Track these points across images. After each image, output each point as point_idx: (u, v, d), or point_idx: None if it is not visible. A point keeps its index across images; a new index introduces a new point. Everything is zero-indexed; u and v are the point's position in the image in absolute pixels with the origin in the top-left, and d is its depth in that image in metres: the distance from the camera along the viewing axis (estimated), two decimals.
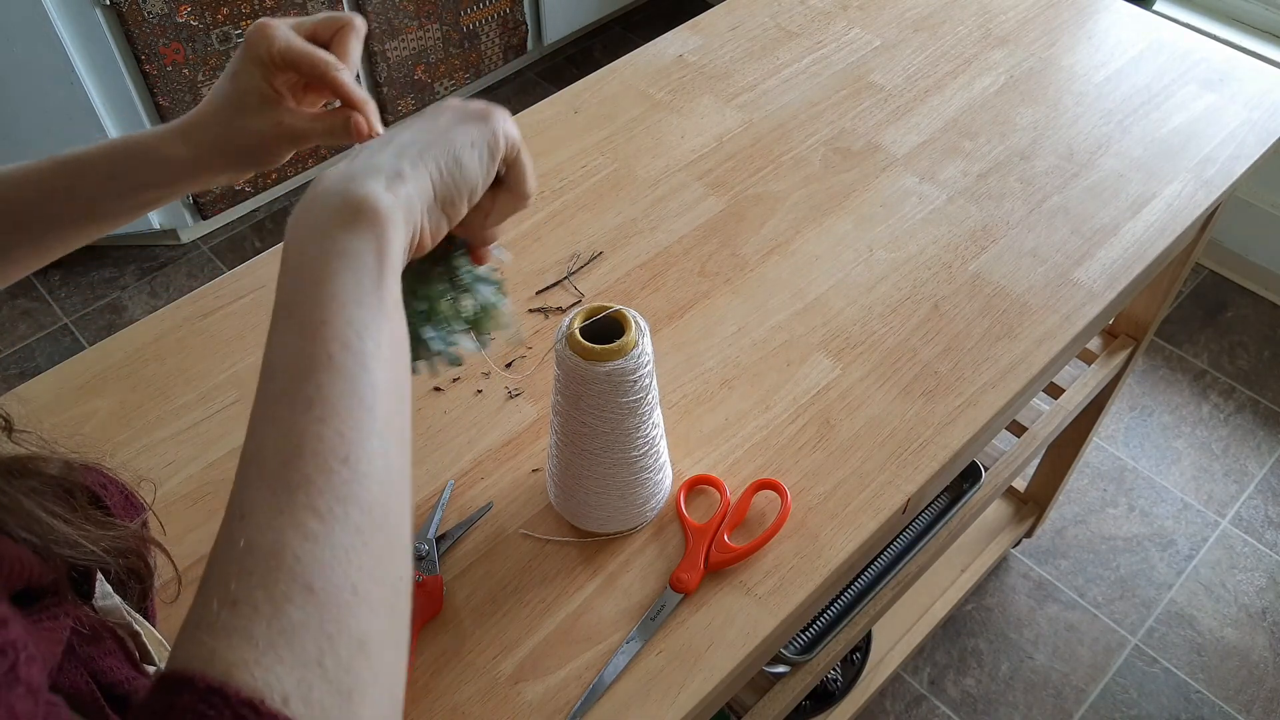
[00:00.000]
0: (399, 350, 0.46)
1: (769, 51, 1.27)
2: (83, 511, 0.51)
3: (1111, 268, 1.01)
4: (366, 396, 0.42)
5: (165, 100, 2.12)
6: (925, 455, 0.86)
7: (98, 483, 0.56)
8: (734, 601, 0.78)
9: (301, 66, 0.63)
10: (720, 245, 1.04)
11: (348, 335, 0.43)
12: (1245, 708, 1.66)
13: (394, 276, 0.47)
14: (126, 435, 0.89)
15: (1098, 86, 1.21)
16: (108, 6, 1.96)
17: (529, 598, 0.78)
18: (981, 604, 1.79)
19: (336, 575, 0.37)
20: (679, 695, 0.73)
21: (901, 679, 1.70)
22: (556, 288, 1.00)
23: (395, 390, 0.44)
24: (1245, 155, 1.13)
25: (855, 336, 0.95)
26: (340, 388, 0.42)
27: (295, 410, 0.41)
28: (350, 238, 0.46)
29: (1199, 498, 1.93)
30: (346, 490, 0.39)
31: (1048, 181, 1.10)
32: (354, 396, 0.42)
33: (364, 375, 0.42)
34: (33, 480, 0.49)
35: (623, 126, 1.17)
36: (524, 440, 0.88)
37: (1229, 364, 2.14)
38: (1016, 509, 1.77)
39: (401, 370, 0.46)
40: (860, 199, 1.08)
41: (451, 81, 2.62)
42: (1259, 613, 1.77)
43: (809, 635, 1.19)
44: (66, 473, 0.52)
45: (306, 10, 2.21)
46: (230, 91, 0.64)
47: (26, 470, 0.49)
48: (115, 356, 0.94)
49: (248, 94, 0.64)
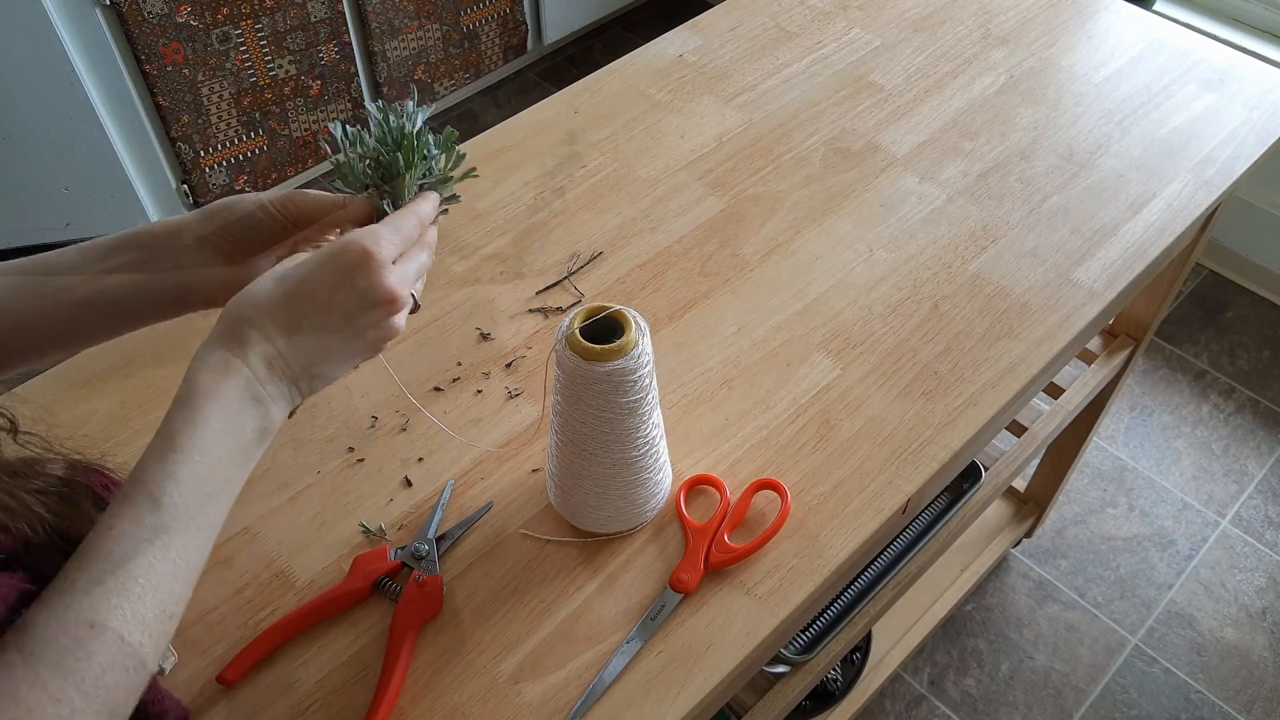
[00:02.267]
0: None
1: (769, 51, 1.27)
2: (85, 512, 0.52)
3: (1111, 268, 1.01)
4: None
5: (165, 100, 2.12)
6: (925, 455, 0.86)
7: (100, 483, 0.57)
8: (734, 601, 0.78)
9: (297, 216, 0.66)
10: (720, 245, 1.04)
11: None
12: (1245, 708, 1.66)
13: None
14: (126, 436, 0.89)
15: (1098, 86, 1.22)
16: (108, 6, 1.96)
17: (529, 598, 0.78)
18: (981, 604, 1.79)
19: None
20: (679, 695, 0.73)
21: (901, 679, 1.70)
22: (556, 288, 1.00)
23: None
24: (1245, 155, 1.13)
25: (855, 336, 0.95)
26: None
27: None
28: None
29: (1199, 498, 1.93)
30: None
31: (1048, 181, 1.10)
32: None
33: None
34: (37, 481, 0.50)
35: (623, 126, 1.17)
36: (524, 440, 0.88)
37: (1229, 364, 2.14)
38: (1016, 509, 1.77)
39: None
40: (860, 199, 1.08)
41: (451, 81, 2.62)
42: (1259, 613, 1.77)
43: (809, 635, 1.19)
44: (70, 473, 0.52)
45: (306, 10, 2.21)
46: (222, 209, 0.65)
47: (31, 471, 0.50)
48: (114, 357, 0.94)
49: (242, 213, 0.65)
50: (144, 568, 0.50)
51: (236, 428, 0.54)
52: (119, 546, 0.49)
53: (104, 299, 0.62)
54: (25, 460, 0.51)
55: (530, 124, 1.18)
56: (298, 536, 0.82)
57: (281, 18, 2.19)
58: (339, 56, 2.34)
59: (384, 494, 0.85)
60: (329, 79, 2.35)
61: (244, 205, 0.64)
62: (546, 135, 1.16)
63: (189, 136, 2.20)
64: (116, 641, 0.48)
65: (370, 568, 0.78)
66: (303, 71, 2.30)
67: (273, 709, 0.73)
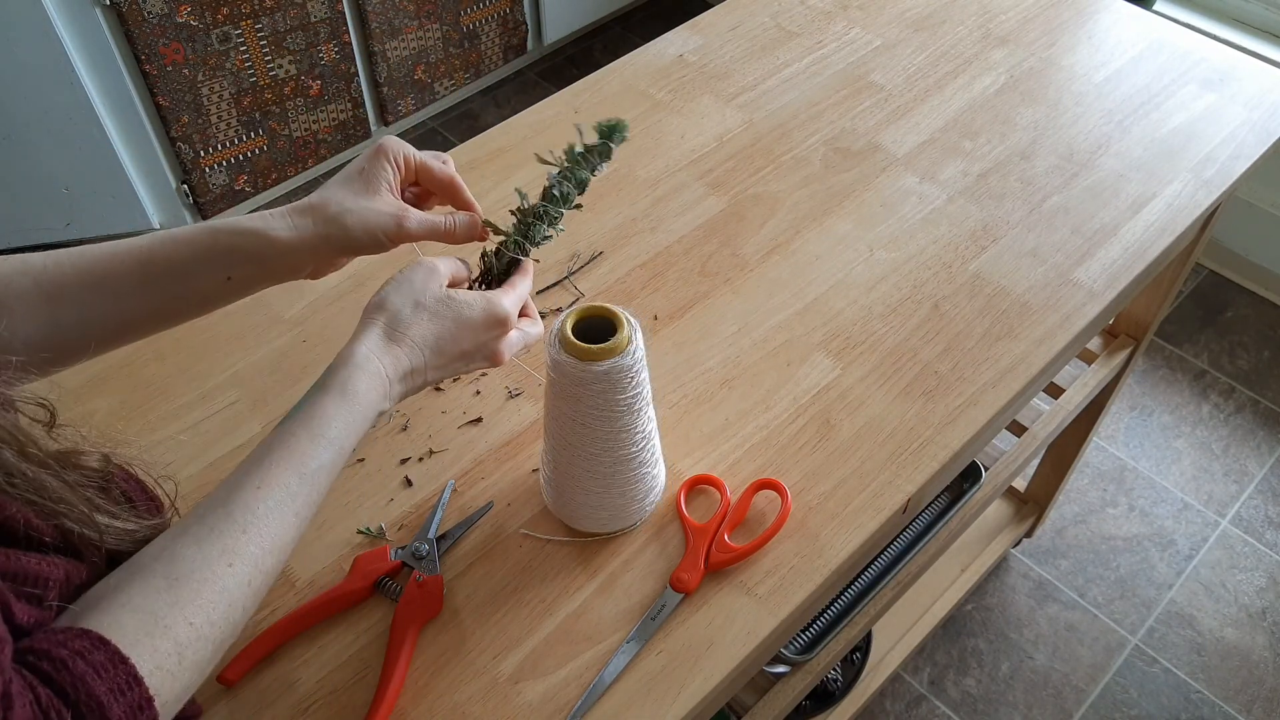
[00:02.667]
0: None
1: (769, 51, 1.27)
2: (118, 504, 0.55)
3: (1112, 268, 1.01)
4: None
5: (165, 100, 2.12)
6: (925, 455, 0.86)
7: (124, 478, 0.58)
8: (734, 601, 0.78)
9: (430, 177, 0.74)
10: (720, 245, 1.04)
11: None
12: (1245, 708, 1.66)
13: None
14: (127, 435, 0.89)
15: (1098, 86, 1.22)
16: (108, 6, 1.96)
17: (529, 598, 0.78)
18: (981, 604, 1.79)
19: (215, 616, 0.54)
20: (679, 695, 0.73)
21: (901, 679, 1.70)
22: (557, 287, 1.00)
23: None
24: (1245, 155, 1.13)
25: (855, 336, 0.95)
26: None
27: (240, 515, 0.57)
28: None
29: (1199, 498, 1.93)
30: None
31: (1048, 181, 1.10)
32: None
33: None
34: (75, 473, 0.52)
35: None
36: (524, 440, 0.88)
37: (1229, 364, 2.14)
38: (1016, 509, 1.77)
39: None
40: (860, 199, 1.08)
41: (451, 81, 2.62)
42: (1259, 613, 1.77)
43: (809, 635, 1.19)
44: (105, 466, 0.55)
45: (306, 10, 2.21)
46: (360, 181, 0.70)
47: (69, 463, 0.52)
48: (116, 356, 0.94)
49: (378, 183, 0.70)
50: (280, 529, 0.58)
51: (365, 428, 0.64)
52: (264, 505, 0.57)
53: (224, 296, 0.70)
54: (64, 451, 0.53)
55: (530, 124, 1.18)
56: None
57: (281, 18, 2.19)
58: (339, 56, 2.34)
59: (384, 494, 0.85)
60: (329, 79, 2.35)
61: (355, 234, 0.69)
62: (547, 136, 1.16)
63: (189, 136, 2.20)
64: (244, 585, 0.55)
65: (370, 568, 0.78)
66: (303, 71, 2.30)
67: (273, 709, 0.73)
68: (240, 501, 0.57)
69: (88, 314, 0.64)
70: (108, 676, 0.46)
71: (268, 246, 0.68)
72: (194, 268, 0.67)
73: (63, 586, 0.50)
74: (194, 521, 0.56)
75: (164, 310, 0.68)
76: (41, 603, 0.49)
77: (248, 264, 0.68)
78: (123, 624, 0.49)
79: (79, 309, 0.64)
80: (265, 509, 0.57)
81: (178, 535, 0.55)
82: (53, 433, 0.54)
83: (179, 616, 0.51)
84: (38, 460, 0.50)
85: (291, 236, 0.68)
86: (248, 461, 0.59)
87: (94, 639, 0.47)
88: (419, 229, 0.71)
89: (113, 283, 0.65)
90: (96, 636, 0.48)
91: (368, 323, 0.66)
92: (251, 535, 0.56)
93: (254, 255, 0.68)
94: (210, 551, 0.54)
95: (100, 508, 0.53)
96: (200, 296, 0.69)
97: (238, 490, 0.57)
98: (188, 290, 0.68)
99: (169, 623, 0.51)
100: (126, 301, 0.66)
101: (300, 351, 0.95)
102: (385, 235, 0.70)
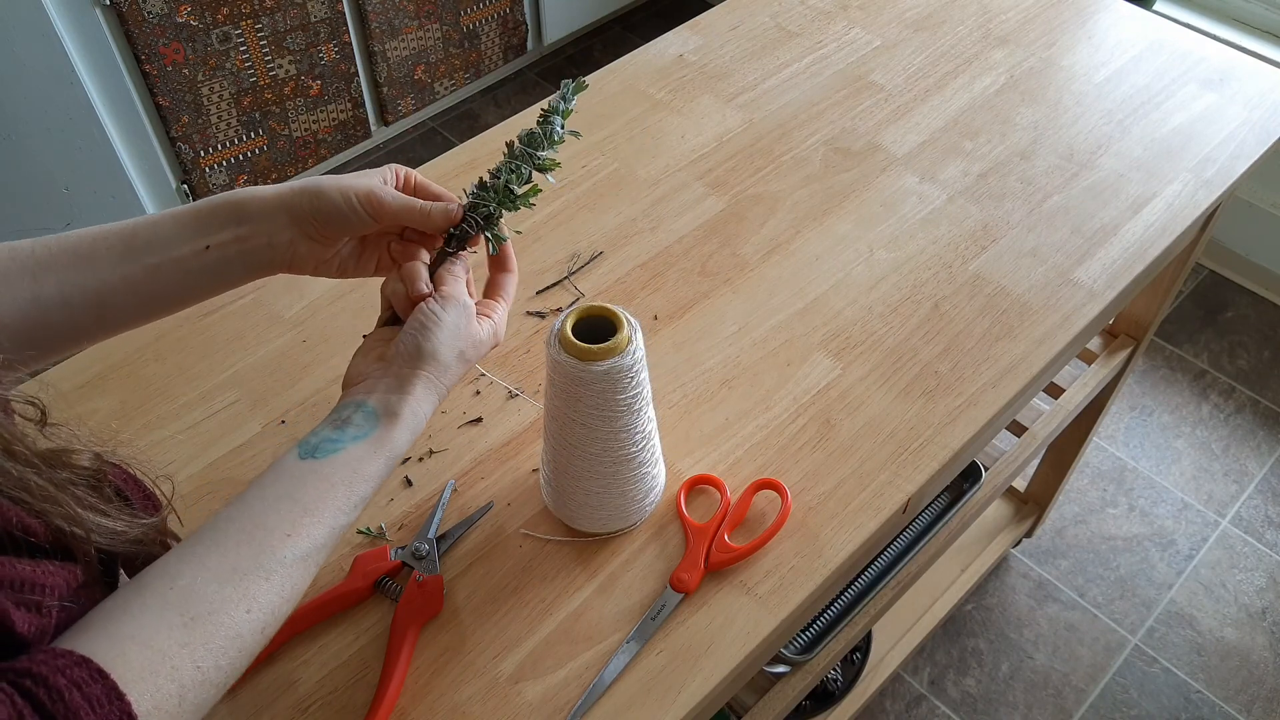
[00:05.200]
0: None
1: (769, 51, 1.27)
2: (110, 503, 0.54)
3: (1112, 268, 1.01)
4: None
5: (165, 100, 2.12)
6: (925, 455, 0.86)
7: (120, 477, 0.58)
8: (734, 601, 0.78)
9: (426, 193, 0.73)
10: (720, 245, 1.04)
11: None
12: (1245, 707, 1.66)
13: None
14: (127, 434, 0.89)
15: (1098, 86, 1.22)
16: (108, 6, 1.96)
17: (529, 597, 0.78)
18: (981, 604, 1.79)
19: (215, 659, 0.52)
20: (679, 695, 0.73)
21: (901, 679, 1.70)
22: (556, 288, 1.00)
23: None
24: (1245, 155, 1.13)
25: (855, 336, 0.95)
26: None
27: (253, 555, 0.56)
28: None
29: (1199, 497, 1.93)
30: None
31: (1048, 181, 1.10)
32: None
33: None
34: (65, 472, 0.51)
35: (623, 126, 1.17)
36: (524, 440, 0.88)
37: (1229, 364, 2.14)
38: (1016, 509, 1.77)
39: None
40: (860, 199, 1.08)
41: (451, 81, 2.62)
42: (1259, 612, 1.77)
43: (809, 635, 1.19)
44: (97, 465, 0.54)
45: (306, 10, 2.21)
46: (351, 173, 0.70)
47: (60, 462, 0.51)
48: (116, 356, 0.94)
49: (367, 174, 0.70)
50: (301, 579, 0.57)
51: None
52: (291, 554, 0.57)
53: (204, 270, 0.66)
54: (55, 450, 0.52)
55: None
56: None
57: (281, 18, 2.19)
58: (339, 56, 2.34)
59: (384, 493, 0.85)
60: (329, 79, 2.35)
61: (330, 195, 0.67)
62: None
63: (189, 136, 2.20)
64: (258, 632, 0.54)
65: (370, 567, 0.78)
66: (303, 71, 2.30)
67: (273, 709, 0.73)
68: (268, 547, 0.56)
69: (67, 289, 0.63)
70: (101, 713, 0.45)
71: (245, 203, 0.66)
72: (173, 235, 0.66)
73: (63, 591, 0.50)
74: (215, 554, 0.54)
75: (143, 286, 0.65)
76: (40, 609, 0.48)
77: (224, 227, 0.66)
78: (128, 657, 0.48)
79: (59, 284, 0.62)
80: (293, 558, 0.56)
81: (198, 567, 0.53)
82: (45, 431, 0.54)
83: (187, 658, 0.50)
84: (24, 459, 0.49)
85: (269, 195, 0.67)
86: (275, 493, 0.58)
87: (93, 670, 0.46)
88: (394, 202, 0.69)
89: (95, 255, 0.64)
90: (96, 668, 0.46)
91: (422, 373, 0.65)
92: (275, 583, 0.55)
93: (231, 215, 0.66)
94: (231, 594, 0.53)
95: (91, 506, 0.52)
96: (178, 270, 0.66)
97: (266, 532, 0.56)
98: (165, 260, 0.65)
99: (176, 663, 0.49)
100: (105, 273, 0.64)
101: (300, 352, 0.95)
102: (359, 199, 0.67)
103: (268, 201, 0.66)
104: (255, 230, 0.66)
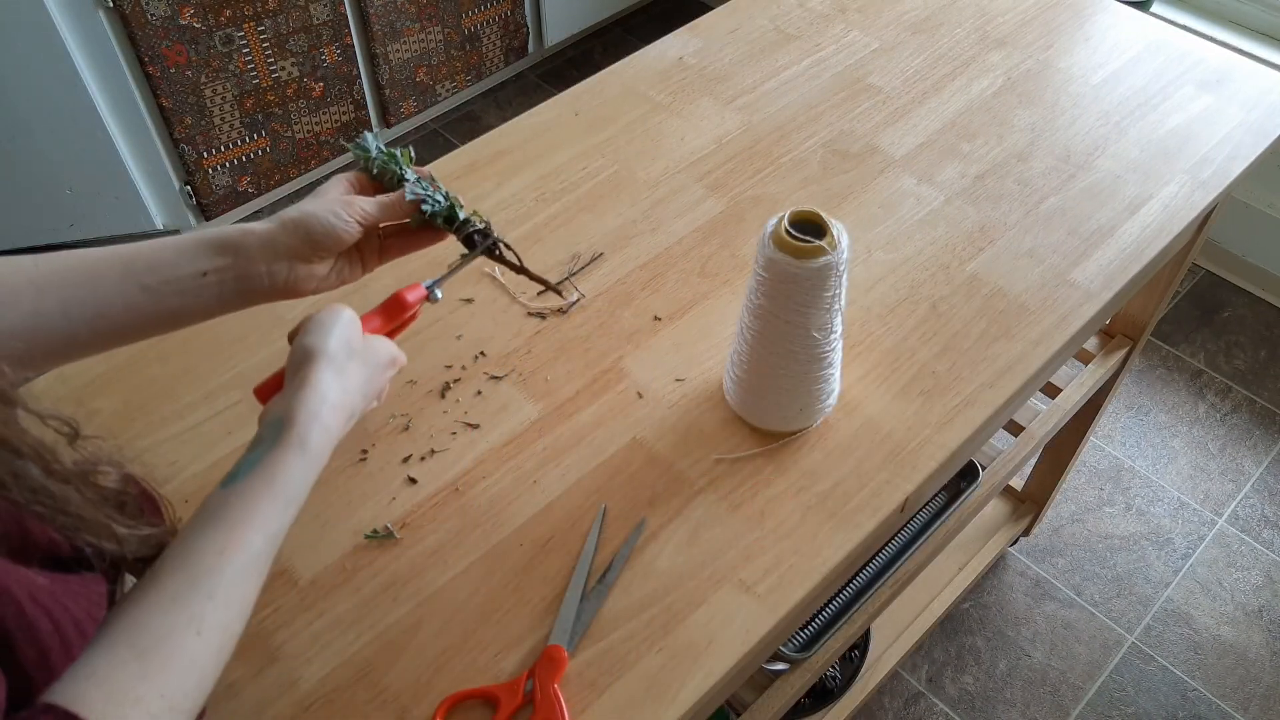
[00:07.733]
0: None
1: (768, 54, 1.28)
2: (137, 518, 0.55)
3: (1108, 268, 1.02)
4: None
5: (168, 102, 2.13)
6: (923, 455, 0.87)
7: (137, 493, 0.59)
8: (733, 599, 0.79)
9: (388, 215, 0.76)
10: (720, 246, 1.05)
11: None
12: (1242, 705, 1.67)
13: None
14: (130, 435, 0.89)
15: (1095, 88, 1.22)
16: (110, 8, 1.97)
17: (529, 597, 0.79)
18: (979, 602, 1.80)
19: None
20: (679, 693, 0.74)
21: (900, 676, 1.71)
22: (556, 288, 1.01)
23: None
24: (1242, 156, 1.13)
25: (853, 337, 0.96)
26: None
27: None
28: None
29: (1196, 496, 1.94)
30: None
31: (1045, 183, 1.11)
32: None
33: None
34: (92, 491, 0.53)
35: (623, 128, 1.18)
36: (525, 440, 0.89)
37: (1225, 364, 2.15)
38: (1014, 508, 1.77)
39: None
40: (858, 200, 1.09)
41: (452, 83, 2.63)
42: (1255, 611, 1.78)
43: (808, 633, 1.20)
44: (123, 484, 0.56)
45: (308, 12, 2.21)
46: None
47: (87, 480, 0.53)
48: (119, 357, 0.95)
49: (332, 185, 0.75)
50: (246, 591, 0.57)
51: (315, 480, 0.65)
52: (230, 569, 0.56)
53: (201, 295, 0.69)
54: (83, 468, 0.53)
55: (531, 126, 1.18)
56: (300, 535, 0.82)
57: (284, 20, 2.20)
58: (341, 58, 2.34)
59: (386, 493, 0.85)
60: (331, 81, 2.36)
61: (318, 217, 0.71)
62: (548, 137, 1.17)
63: (192, 138, 2.21)
64: (214, 652, 0.55)
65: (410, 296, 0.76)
66: (305, 73, 2.30)
67: (274, 708, 0.73)
68: (204, 567, 0.55)
69: (69, 305, 0.64)
70: None
71: (242, 236, 0.69)
72: (173, 260, 0.68)
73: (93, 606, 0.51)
74: (153, 588, 0.54)
75: (142, 307, 0.67)
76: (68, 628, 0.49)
77: (222, 255, 0.68)
78: (88, 697, 0.48)
79: (61, 299, 0.64)
80: (232, 572, 0.56)
81: (137, 603, 0.53)
82: (75, 445, 0.55)
83: (149, 690, 0.50)
84: (61, 476, 0.50)
85: (261, 229, 0.70)
86: (200, 522, 0.58)
87: (59, 714, 0.46)
88: (373, 203, 0.73)
89: (97, 275, 0.66)
90: (63, 711, 0.47)
91: (309, 370, 0.65)
92: (220, 600, 0.55)
93: (229, 246, 0.68)
94: (176, 620, 0.53)
95: (119, 521, 0.54)
96: (175, 292, 0.68)
97: (198, 555, 0.56)
98: (162, 283, 0.67)
99: (139, 694, 0.49)
100: (106, 292, 0.66)
101: None
102: (345, 211, 0.71)
103: (262, 235, 0.70)
104: (253, 258, 0.69)
